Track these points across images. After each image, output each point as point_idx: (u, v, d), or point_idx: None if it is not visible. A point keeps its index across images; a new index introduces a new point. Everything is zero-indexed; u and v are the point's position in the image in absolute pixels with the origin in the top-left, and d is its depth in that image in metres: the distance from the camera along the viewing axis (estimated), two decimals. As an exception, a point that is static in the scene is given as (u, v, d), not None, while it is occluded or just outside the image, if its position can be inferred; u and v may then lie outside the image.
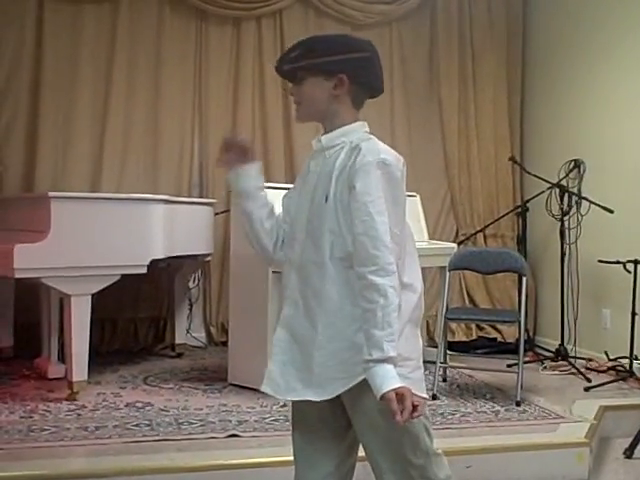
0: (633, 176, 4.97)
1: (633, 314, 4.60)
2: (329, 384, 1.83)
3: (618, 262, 4.72)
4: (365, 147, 1.82)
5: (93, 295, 3.95)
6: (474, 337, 5.89)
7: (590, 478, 3.41)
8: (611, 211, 4.86)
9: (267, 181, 5.76)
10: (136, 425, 3.52)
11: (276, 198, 4.59)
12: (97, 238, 3.92)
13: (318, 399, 1.84)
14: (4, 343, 4.89)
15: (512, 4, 6.29)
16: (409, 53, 6.17)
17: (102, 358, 4.89)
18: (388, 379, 1.68)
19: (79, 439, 3.30)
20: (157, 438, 3.33)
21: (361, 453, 2.00)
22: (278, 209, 2.06)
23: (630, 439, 3.70)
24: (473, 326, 5.89)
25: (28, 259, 3.69)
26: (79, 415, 3.68)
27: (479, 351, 5.53)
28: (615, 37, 5.20)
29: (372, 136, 1.90)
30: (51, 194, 3.88)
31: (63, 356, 4.29)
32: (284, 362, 1.89)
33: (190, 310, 5.62)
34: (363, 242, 1.76)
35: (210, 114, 5.78)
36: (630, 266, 4.65)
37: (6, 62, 5.29)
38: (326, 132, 1.94)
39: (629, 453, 3.67)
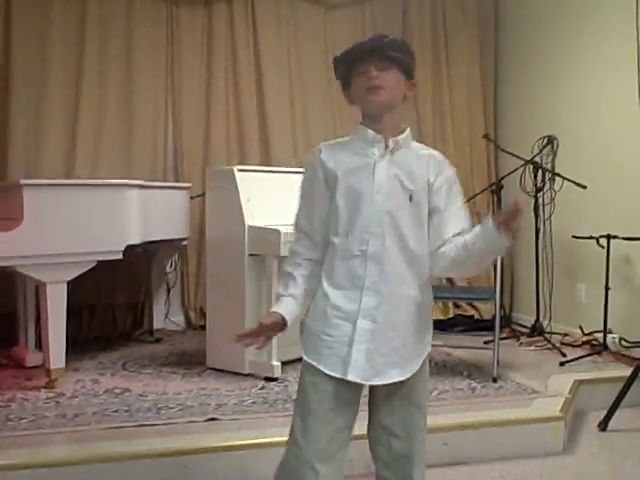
0: (605, 152, 5.01)
1: (607, 288, 4.66)
2: (410, 363, 2.05)
3: (591, 237, 4.77)
4: (441, 157, 2.11)
5: (69, 282, 3.93)
6: (451, 315, 5.94)
7: (565, 451, 3.47)
8: (584, 187, 4.89)
9: (241, 163, 5.78)
10: (115, 411, 3.52)
11: (252, 181, 4.57)
12: (71, 225, 3.89)
13: (402, 378, 2.03)
14: (-20, 332, 4.86)
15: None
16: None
17: (80, 345, 4.88)
18: None
19: (58, 427, 3.30)
20: (136, 424, 3.33)
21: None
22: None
23: (604, 412, 3.76)
24: (450, 304, 5.94)
25: (2, 247, 3.66)
26: (58, 403, 3.67)
27: (456, 329, 5.58)
28: (586, 13, 5.21)
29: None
30: (23, 182, 3.84)
31: (40, 344, 4.28)
32: (369, 350, 1.99)
33: (168, 295, 5.61)
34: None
35: (183, 98, 5.75)
36: (603, 241, 4.70)
37: (-25, 51, 5.22)
38: (383, 126, 2.03)
39: (603, 426, 3.73)
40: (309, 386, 2.05)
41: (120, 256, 4.12)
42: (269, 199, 4.32)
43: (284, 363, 4.14)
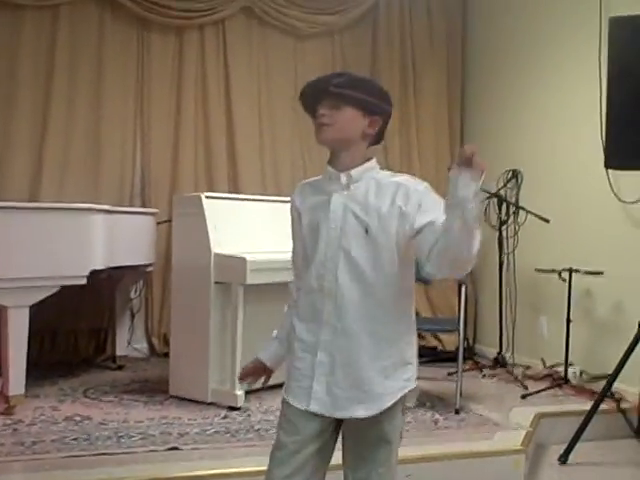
0: (568, 187, 5.10)
1: (568, 321, 4.72)
2: (376, 401, 2.00)
3: (554, 271, 4.84)
4: (408, 182, 2.02)
5: (31, 307, 3.89)
6: (415, 346, 5.94)
7: (526, 484, 3.50)
8: (547, 220, 4.97)
9: (209, 191, 5.76)
10: (74, 439, 3.47)
11: (220, 208, 4.56)
12: (35, 249, 3.85)
13: (367, 415, 1.99)
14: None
15: (452, 20, 6.40)
16: (351, 66, 6.20)
17: (41, 370, 4.79)
18: None
19: (15, 455, 3.24)
20: (96, 452, 3.29)
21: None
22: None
23: (565, 445, 3.79)
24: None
25: (-37, 271, 3.62)
26: (16, 430, 3.60)
27: (419, 360, 5.58)
28: (548, 55, 5.34)
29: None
30: (-14, 205, 3.81)
31: (0, 369, 4.21)
32: (328, 383, 2.00)
33: (132, 321, 5.55)
34: None
35: (152, 123, 5.75)
36: (565, 275, 4.77)
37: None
38: (341, 163, 2.03)
39: (564, 459, 3.75)
40: (282, 417, 2.09)
41: (84, 281, 4.08)
42: (236, 226, 4.32)
43: (247, 392, 4.11)
